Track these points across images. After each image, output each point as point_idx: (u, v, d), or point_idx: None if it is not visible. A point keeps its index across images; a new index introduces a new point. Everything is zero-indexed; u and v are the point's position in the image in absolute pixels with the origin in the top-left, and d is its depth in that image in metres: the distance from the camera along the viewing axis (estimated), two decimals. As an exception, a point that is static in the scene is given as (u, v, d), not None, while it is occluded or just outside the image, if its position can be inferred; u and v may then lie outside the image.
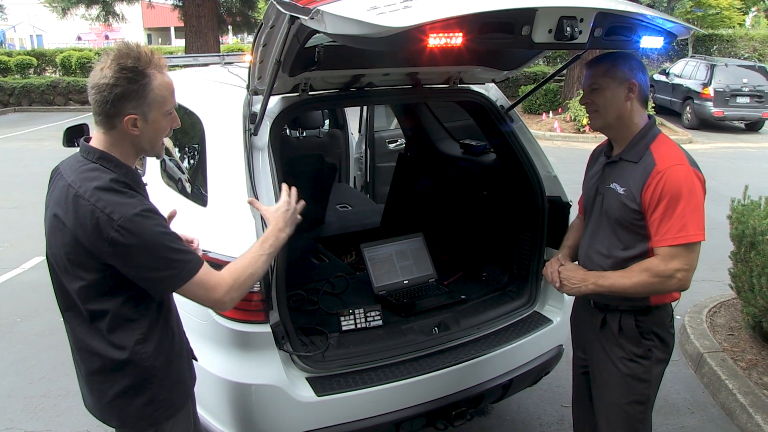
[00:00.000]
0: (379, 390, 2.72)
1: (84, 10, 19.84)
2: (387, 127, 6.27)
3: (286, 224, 2.13)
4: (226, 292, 1.89)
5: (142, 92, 1.78)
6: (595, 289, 2.33)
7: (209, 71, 4.09)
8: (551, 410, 3.87)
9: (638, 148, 2.31)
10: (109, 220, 1.70)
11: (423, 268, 3.63)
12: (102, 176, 1.78)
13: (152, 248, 1.76)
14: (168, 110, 1.87)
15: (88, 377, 1.96)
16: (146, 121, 1.83)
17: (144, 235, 1.74)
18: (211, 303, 1.93)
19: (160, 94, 1.82)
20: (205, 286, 1.86)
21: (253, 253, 2.02)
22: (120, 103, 1.77)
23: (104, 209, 1.72)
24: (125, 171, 1.85)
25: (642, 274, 2.23)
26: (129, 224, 1.71)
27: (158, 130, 1.88)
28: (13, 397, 4.07)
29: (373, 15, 1.81)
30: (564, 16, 2.08)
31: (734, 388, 3.87)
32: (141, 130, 1.83)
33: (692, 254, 2.20)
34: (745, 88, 15.72)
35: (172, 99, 1.88)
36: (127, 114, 1.79)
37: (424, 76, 3.25)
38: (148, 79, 1.78)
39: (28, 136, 15.31)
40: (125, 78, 1.75)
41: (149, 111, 1.81)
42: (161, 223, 1.81)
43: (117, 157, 1.85)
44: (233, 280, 1.91)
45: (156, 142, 1.91)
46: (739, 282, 4.27)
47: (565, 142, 14.21)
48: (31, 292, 5.73)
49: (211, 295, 1.88)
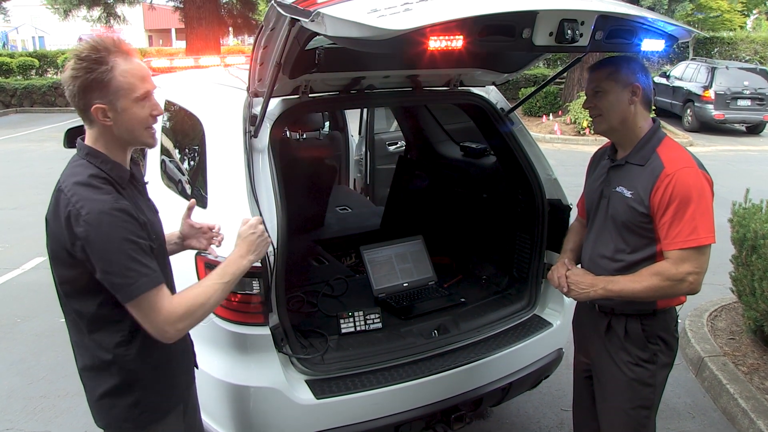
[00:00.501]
0: (379, 393, 2.71)
1: (86, 12, 19.86)
2: (387, 129, 6.27)
3: (249, 251, 2.04)
4: (174, 322, 1.79)
5: (103, 80, 1.74)
6: (604, 294, 2.31)
7: (209, 72, 4.09)
8: (551, 414, 3.86)
9: (644, 152, 2.31)
10: (78, 215, 1.70)
11: (423, 271, 3.63)
12: (83, 171, 1.79)
13: (110, 251, 1.71)
14: (138, 96, 1.79)
15: (81, 373, 1.97)
16: (116, 110, 1.78)
17: (106, 234, 1.70)
18: (155, 329, 1.79)
19: (125, 81, 1.76)
20: (155, 308, 1.76)
21: (209, 281, 1.93)
22: (84, 94, 1.76)
23: (76, 204, 1.72)
24: (111, 167, 1.83)
25: (653, 278, 2.21)
26: (94, 221, 1.69)
27: (132, 119, 1.81)
28: (13, 397, 4.06)
29: (373, 18, 1.80)
30: (565, 19, 2.08)
31: (735, 393, 3.85)
32: (114, 120, 1.79)
33: (703, 257, 2.19)
34: (746, 91, 15.70)
35: (143, 85, 1.80)
36: (93, 104, 1.76)
37: (425, 79, 3.25)
38: (107, 67, 1.74)
39: (30, 137, 15.32)
40: (83, 68, 1.73)
41: (116, 99, 1.76)
42: (129, 229, 1.74)
43: (103, 152, 1.83)
44: (184, 310, 1.81)
45: (134, 131, 1.84)
46: (740, 286, 4.26)
47: (565, 144, 14.20)
48: (31, 293, 5.73)
49: (157, 321, 1.77)
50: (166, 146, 3.55)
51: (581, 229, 2.68)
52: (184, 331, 1.84)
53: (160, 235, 1.99)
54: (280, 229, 2.56)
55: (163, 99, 3.65)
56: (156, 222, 1.99)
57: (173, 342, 1.84)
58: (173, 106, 3.56)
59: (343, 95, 3.12)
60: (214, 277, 1.94)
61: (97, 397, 1.94)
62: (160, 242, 1.97)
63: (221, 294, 1.92)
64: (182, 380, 2.11)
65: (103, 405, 1.94)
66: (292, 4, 2.08)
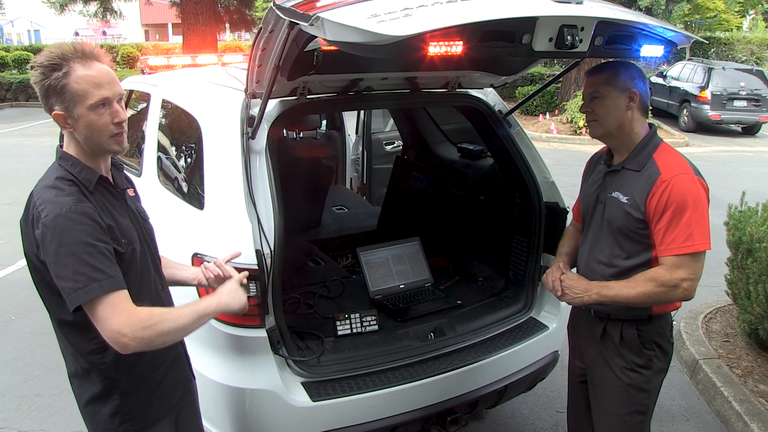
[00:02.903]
0: (375, 395, 2.71)
1: (82, 6, 19.80)
2: (382, 128, 6.26)
3: (228, 304, 2.00)
4: (127, 327, 1.68)
5: (57, 87, 1.71)
6: (598, 299, 2.31)
7: (207, 72, 4.07)
8: (546, 415, 3.87)
9: (641, 157, 2.31)
10: (39, 218, 1.70)
11: (419, 273, 3.63)
12: (52, 175, 1.79)
13: (61, 254, 1.67)
14: (93, 104, 1.73)
15: (69, 379, 1.97)
16: (73, 116, 1.75)
17: (59, 237, 1.67)
18: (109, 335, 1.69)
19: (78, 88, 1.71)
20: (109, 314, 1.68)
21: (182, 308, 1.89)
22: (46, 100, 1.76)
23: (39, 206, 1.71)
24: (80, 169, 1.81)
25: (647, 284, 2.21)
26: (51, 223, 1.67)
27: (90, 126, 1.76)
28: (7, 395, 4.06)
29: (373, 23, 1.79)
30: (565, 25, 2.08)
31: (730, 396, 3.87)
32: (73, 127, 1.77)
33: (698, 264, 2.19)
34: (742, 92, 15.73)
35: (98, 92, 1.74)
36: (53, 110, 1.75)
37: (423, 81, 3.24)
38: (61, 73, 1.70)
39: (25, 132, 15.26)
40: (40, 74, 1.72)
41: (72, 106, 1.73)
42: (86, 231, 1.69)
43: (74, 156, 1.82)
44: (146, 318, 1.73)
45: (94, 138, 1.78)
46: (735, 289, 4.27)
47: (562, 143, 14.21)
48: (25, 290, 5.68)
49: (110, 327, 1.68)
50: (163, 145, 3.54)
51: (576, 233, 2.69)
52: (144, 342, 1.71)
53: (133, 240, 1.89)
54: (277, 232, 2.56)
55: (160, 98, 3.64)
56: (129, 227, 1.90)
57: (128, 353, 1.73)
58: (170, 105, 3.54)
59: (341, 97, 3.11)
60: (191, 305, 1.90)
61: (83, 404, 1.94)
62: (132, 247, 1.87)
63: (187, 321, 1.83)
64: (172, 391, 2.06)
65: (88, 412, 1.94)
66: (292, 7, 2.07)
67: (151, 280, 1.98)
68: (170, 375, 2.06)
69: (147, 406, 1.98)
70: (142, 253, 1.93)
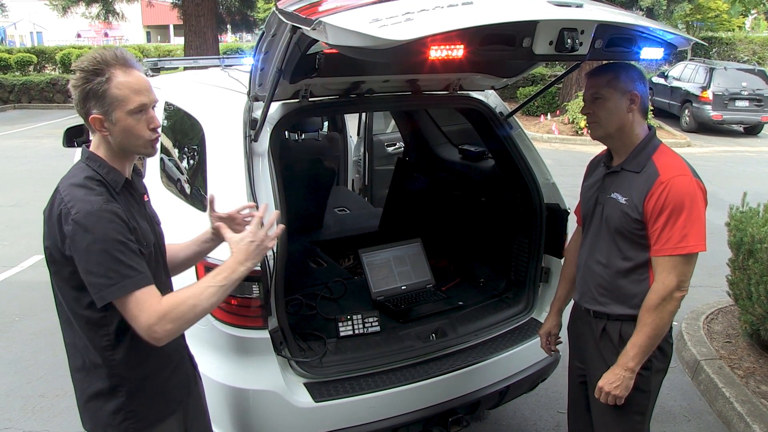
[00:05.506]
0: (377, 396, 2.73)
1: (84, 8, 19.86)
2: (384, 130, 6.27)
3: (248, 258, 1.95)
4: (157, 320, 1.75)
5: (99, 91, 1.78)
6: (634, 367, 2.29)
7: (209, 74, 4.09)
8: (547, 416, 3.88)
9: (640, 159, 2.32)
10: (68, 214, 1.74)
11: (421, 274, 3.64)
12: (80, 174, 1.84)
13: (93, 251, 1.72)
14: (132, 109, 1.81)
15: (73, 374, 1.99)
16: (111, 120, 1.81)
17: (91, 234, 1.72)
18: (142, 330, 1.76)
19: (119, 93, 1.79)
20: (141, 309, 1.75)
21: (201, 283, 1.88)
22: (84, 103, 1.81)
23: (68, 203, 1.76)
24: (108, 170, 1.86)
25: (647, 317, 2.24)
26: (83, 220, 1.72)
27: (126, 130, 1.83)
28: (11, 396, 4.08)
29: (375, 27, 1.81)
30: (565, 28, 2.09)
31: (731, 397, 3.87)
32: (109, 131, 1.83)
33: (689, 267, 2.22)
34: (744, 92, 15.73)
35: (137, 98, 1.82)
36: (91, 114, 1.81)
37: (424, 83, 3.26)
38: (104, 78, 1.78)
39: (28, 134, 15.27)
40: (82, 78, 1.79)
41: (111, 110, 1.80)
42: (117, 229, 1.75)
43: (102, 158, 1.87)
44: (168, 309, 1.77)
45: (130, 142, 1.86)
46: (736, 289, 4.28)
47: (563, 144, 14.22)
48: (29, 291, 5.73)
49: (143, 321, 1.75)
50: (166, 147, 3.55)
51: (577, 246, 2.69)
52: (173, 332, 1.80)
53: (151, 243, 1.94)
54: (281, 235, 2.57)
55: (163, 100, 3.66)
56: (148, 230, 1.96)
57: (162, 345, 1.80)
58: (173, 108, 3.56)
59: (343, 99, 3.12)
60: (209, 279, 1.89)
61: (85, 399, 1.95)
62: (151, 250, 1.93)
63: (216, 297, 1.86)
64: (177, 391, 2.09)
65: (89, 407, 1.95)
66: (294, 11, 2.08)
67: (161, 284, 2.00)
68: (177, 375, 2.09)
69: (150, 405, 2.00)
70: (155, 257, 1.99)
